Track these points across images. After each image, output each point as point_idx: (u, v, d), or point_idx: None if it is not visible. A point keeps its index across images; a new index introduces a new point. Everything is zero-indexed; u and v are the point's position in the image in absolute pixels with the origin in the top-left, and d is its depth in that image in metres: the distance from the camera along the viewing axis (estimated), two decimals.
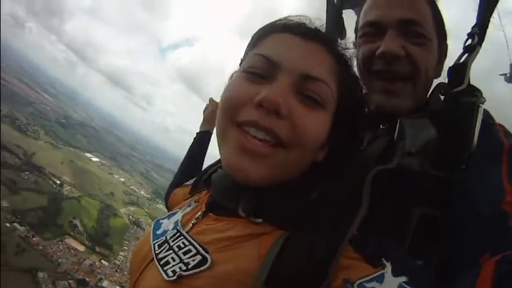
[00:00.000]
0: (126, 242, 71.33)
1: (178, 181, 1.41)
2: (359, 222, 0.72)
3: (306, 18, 0.87)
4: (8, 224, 54.70)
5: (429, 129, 1.04)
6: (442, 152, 1.03)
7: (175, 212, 0.97)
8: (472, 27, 1.31)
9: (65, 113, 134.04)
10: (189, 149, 1.82)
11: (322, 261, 0.64)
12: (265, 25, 0.89)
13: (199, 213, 0.88)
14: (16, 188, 63.65)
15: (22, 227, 55.87)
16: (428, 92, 1.25)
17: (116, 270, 60.94)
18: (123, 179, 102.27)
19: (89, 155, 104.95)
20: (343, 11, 1.73)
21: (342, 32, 1.70)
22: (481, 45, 1.28)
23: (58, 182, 75.98)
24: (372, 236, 0.74)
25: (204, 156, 1.41)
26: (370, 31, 1.21)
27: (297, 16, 0.87)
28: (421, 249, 0.97)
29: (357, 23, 1.37)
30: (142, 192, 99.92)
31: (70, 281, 53.63)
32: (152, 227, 0.95)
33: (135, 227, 77.32)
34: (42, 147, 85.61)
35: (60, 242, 59.81)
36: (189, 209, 0.95)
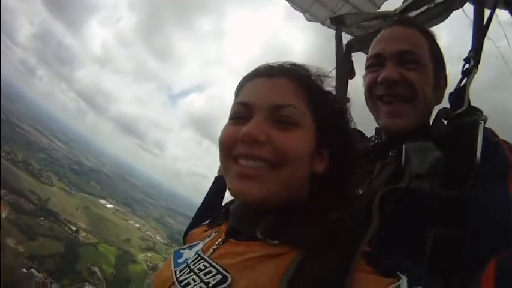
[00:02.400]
0: None
1: (196, 222, 1.46)
2: (370, 237, 0.76)
3: (277, 62, 0.99)
4: (25, 270, 51.70)
5: (434, 151, 1.11)
6: (449, 172, 1.09)
7: (197, 243, 1.02)
8: (468, 52, 1.48)
9: (77, 159, 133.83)
10: (207, 193, 1.88)
11: (337, 276, 0.67)
12: (242, 78, 1.02)
13: (220, 239, 0.93)
14: (32, 234, 61.18)
15: (40, 274, 52.69)
16: (429, 116, 1.37)
17: None
18: (138, 225, 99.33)
19: (103, 201, 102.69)
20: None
21: (351, 72, 2.05)
22: (477, 68, 1.43)
23: (74, 228, 73.57)
24: (386, 253, 0.78)
25: (222, 199, 1.44)
26: (373, 62, 1.39)
27: (268, 63, 1.01)
28: (440, 270, 0.99)
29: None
30: (158, 237, 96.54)
31: None
32: (173, 255, 0.99)
33: (154, 272, 72.69)
34: (56, 193, 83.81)
35: None
36: (209, 238, 1.00)
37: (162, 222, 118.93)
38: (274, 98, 0.86)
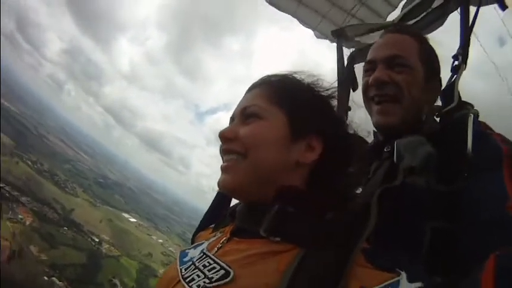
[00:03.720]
0: None
1: (204, 224, 1.49)
2: (368, 235, 0.79)
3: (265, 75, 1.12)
4: (46, 278, 51.14)
5: (425, 145, 1.15)
6: (443, 166, 1.12)
7: (201, 243, 1.07)
8: (457, 50, 1.56)
9: (102, 172, 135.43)
10: (215, 196, 1.79)
11: (336, 272, 0.71)
12: None
13: (224, 238, 0.98)
14: (55, 243, 60.59)
15: (60, 282, 52.02)
16: (419, 114, 1.42)
17: None
18: (161, 240, 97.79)
19: (126, 215, 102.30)
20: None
21: (353, 84, 2.12)
22: (466, 64, 1.52)
23: (97, 240, 72.79)
24: (385, 249, 0.81)
25: (229, 202, 1.40)
26: (368, 68, 1.51)
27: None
28: (438, 265, 1.01)
29: None
30: None
31: None
32: (178, 255, 1.05)
33: None
34: (80, 204, 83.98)
35: None
36: (214, 238, 1.05)
37: (185, 238, 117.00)
38: (244, 104, 1.01)
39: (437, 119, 1.39)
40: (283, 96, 0.99)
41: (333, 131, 0.98)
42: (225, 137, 0.97)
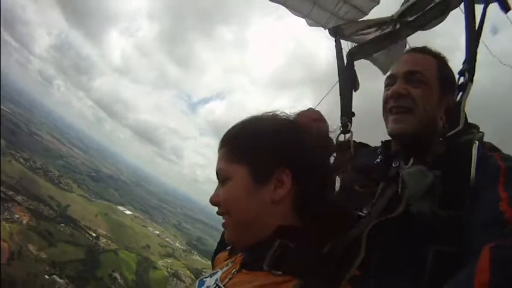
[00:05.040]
0: None
1: (220, 248, 1.59)
2: (356, 268, 0.89)
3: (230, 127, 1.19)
4: (47, 276, 50.79)
5: (428, 176, 1.19)
6: (448, 192, 1.17)
7: (216, 272, 1.20)
8: (462, 64, 1.48)
9: (95, 166, 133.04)
10: None
11: None
12: None
13: (234, 270, 1.11)
14: (53, 240, 60.23)
15: (61, 280, 51.78)
16: (431, 129, 1.48)
17: None
18: (157, 232, 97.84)
19: (121, 208, 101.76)
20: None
21: (355, 83, 2.16)
22: (472, 81, 1.43)
23: (94, 235, 72.36)
24: (375, 276, 0.92)
25: None
26: (388, 82, 1.62)
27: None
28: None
29: None
30: (177, 244, 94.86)
31: None
32: (197, 284, 1.19)
33: (175, 279, 71.89)
34: (75, 199, 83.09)
35: None
36: (226, 268, 1.19)
37: (180, 228, 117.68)
38: (216, 169, 1.13)
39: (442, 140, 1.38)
40: (239, 151, 1.08)
41: (297, 157, 1.04)
42: (212, 203, 1.10)
